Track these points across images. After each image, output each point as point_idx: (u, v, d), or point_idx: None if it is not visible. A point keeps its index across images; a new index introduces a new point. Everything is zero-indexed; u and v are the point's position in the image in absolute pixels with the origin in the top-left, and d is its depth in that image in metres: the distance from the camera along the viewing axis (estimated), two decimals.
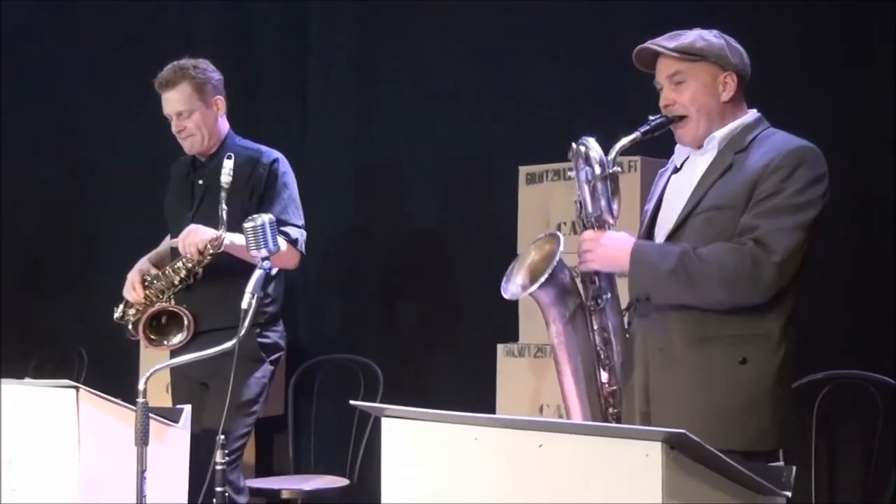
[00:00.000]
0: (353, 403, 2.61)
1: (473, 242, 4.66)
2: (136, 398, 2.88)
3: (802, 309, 2.76)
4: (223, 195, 3.58)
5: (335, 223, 5.05)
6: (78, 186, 5.84)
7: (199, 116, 3.86)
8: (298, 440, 4.88)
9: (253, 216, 3.26)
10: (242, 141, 3.98)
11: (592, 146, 2.88)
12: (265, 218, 3.24)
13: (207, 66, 3.92)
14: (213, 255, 3.68)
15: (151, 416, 2.90)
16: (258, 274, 3.11)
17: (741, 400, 2.68)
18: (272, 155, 3.92)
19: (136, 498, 2.83)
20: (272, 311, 3.90)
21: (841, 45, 3.90)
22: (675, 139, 2.95)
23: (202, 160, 3.95)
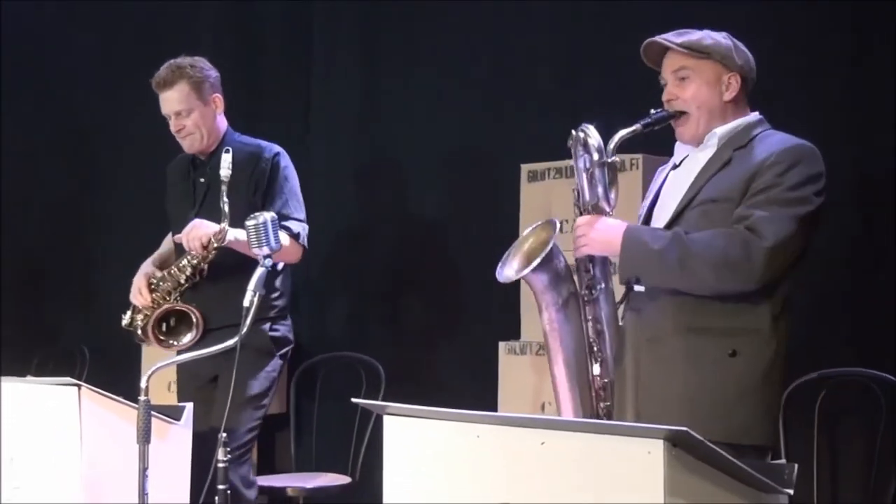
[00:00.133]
0: (355, 401, 2.60)
1: (475, 240, 4.66)
2: (138, 396, 2.89)
3: (804, 306, 2.76)
4: (224, 189, 3.56)
5: (337, 221, 5.05)
6: (80, 185, 5.85)
7: (197, 115, 3.85)
8: (300, 438, 4.88)
9: (254, 214, 3.27)
10: (241, 137, 3.97)
11: (592, 133, 2.89)
12: (267, 216, 3.25)
13: (204, 63, 3.90)
14: (217, 249, 3.66)
15: (153, 413, 2.91)
16: (260, 272, 3.12)
17: (729, 392, 2.69)
18: (273, 149, 3.91)
19: (138, 495, 2.84)
20: (281, 304, 3.90)
21: (841, 45, 3.89)
22: (676, 137, 2.96)
23: (202, 158, 3.94)
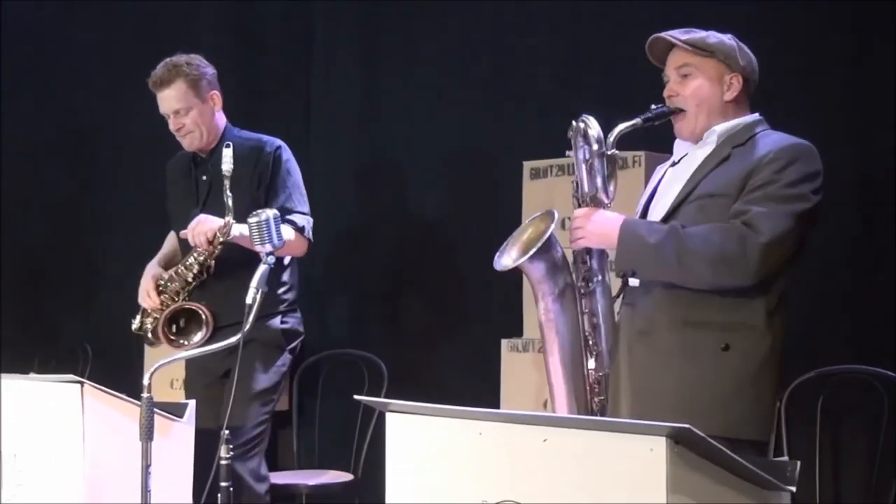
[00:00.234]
0: (357, 398, 2.60)
1: (477, 238, 4.64)
2: (140, 393, 2.89)
3: (804, 306, 2.76)
4: (226, 183, 3.55)
5: (339, 219, 5.05)
6: (80, 184, 5.85)
7: (196, 113, 3.84)
8: (303, 435, 4.88)
9: (257, 211, 3.27)
10: (241, 132, 3.95)
11: (592, 124, 2.90)
12: (269, 213, 3.25)
13: (201, 61, 3.88)
14: (222, 244, 3.65)
15: (156, 411, 2.91)
16: (262, 269, 3.12)
17: (722, 386, 2.69)
18: (275, 142, 3.90)
19: (140, 493, 2.84)
20: (290, 297, 3.90)
21: (841, 45, 3.89)
22: (675, 133, 2.96)
23: (202, 156, 3.93)
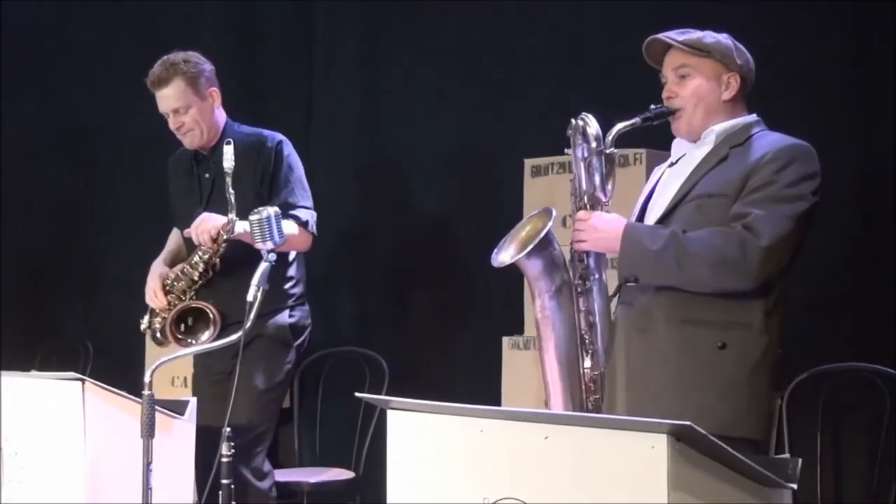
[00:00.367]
0: (358, 396, 2.61)
1: (478, 235, 4.64)
2: (141, 390, 2.89)
3: (804, 306, 2.76)
4: (228, 180, 3.52)
5: (339, 219, 5.04)
6: (83, 180, 5.84)
7: (195, 111, 3.81)
8: (304, 433, 4.88)
9: (258, 209, 3.27)
10: (241, 127, 3.93)
11: (591, 122, 2.91)
12: (270, 210, 3.25)
13: (198, 57, 3.85)
14: (226, 241, 3.64)
15: (157, 408, 2.91)
16: (263, 266, 3.12)
17: (717, 384, 2.70)
18: (276, 137, 3.88)
19: (141, 490, 2.84)
20: (297, 292, 3.89)
21: (841, 45, 3.89)
22: (673, 132, 2.96)
23: (204, 154, 3.91)
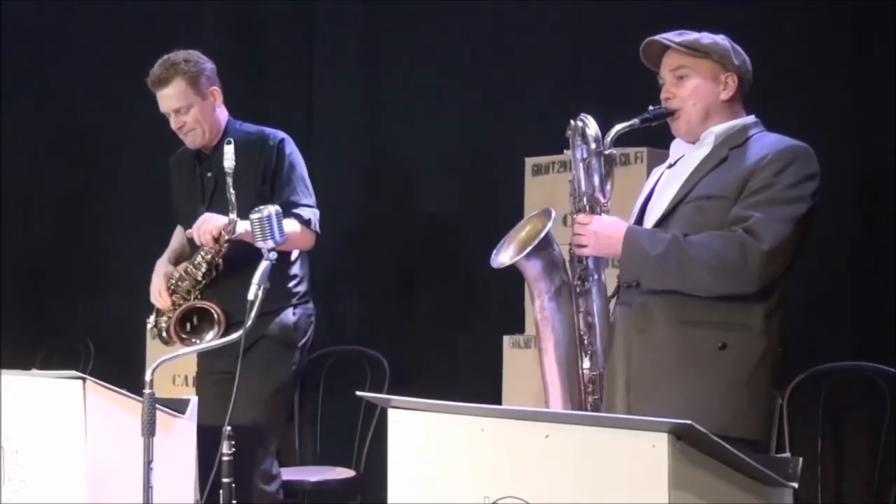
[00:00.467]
0: (359, 394, 2.61)
1: (479, 235, 4.63)
2: (142, 389, 2.89)
3: (804, 306, 2.76)
4: (229, 180, 3.51)
5: (340, 218, 5.03)
6: (85, 178, 5.84)
7: (197, 110, 3.79)
8: (305, 432, 4.88)
9: (259, 208, 3.27)
10: (244, 125, 3.92)
11: (590, 123, 2.92)
12: (271, 209, 3.25)
13: (199, 56, 3.83)
14: (228, 241, 3.63)
15: (158, 407, 2.91)
16: (264, 265, 3.12)
17: (717, 384, 2.70)
18: (278, 135, 3.86)
19: (142, 489, 2.84)
20: (301, 290, 3.88)
21: (841, 45, 3.89)
22: (672, 133, 2.97)
23: (206, 153, 3.90)
